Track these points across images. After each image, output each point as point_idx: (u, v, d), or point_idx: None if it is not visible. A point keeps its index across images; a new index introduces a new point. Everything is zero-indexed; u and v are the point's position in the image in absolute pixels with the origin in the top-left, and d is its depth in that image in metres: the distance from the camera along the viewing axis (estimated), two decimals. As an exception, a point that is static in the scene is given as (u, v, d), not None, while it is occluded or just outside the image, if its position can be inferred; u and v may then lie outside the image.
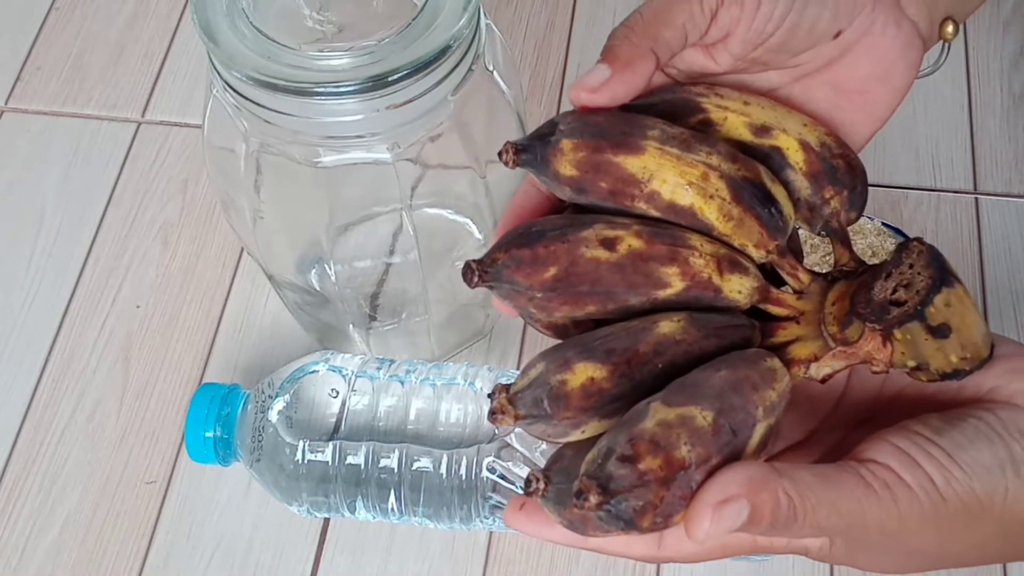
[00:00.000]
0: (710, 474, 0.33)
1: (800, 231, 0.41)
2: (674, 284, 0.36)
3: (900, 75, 0.41)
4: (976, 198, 0.73)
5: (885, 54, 0.41)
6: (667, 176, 0.36)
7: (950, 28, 0.43)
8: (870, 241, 0.66)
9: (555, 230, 0.36)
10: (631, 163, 0.36)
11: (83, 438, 0.65)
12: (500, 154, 0.37)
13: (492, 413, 0.35)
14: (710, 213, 0.37)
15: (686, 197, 0.37)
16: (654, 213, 0.37)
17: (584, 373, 0.34)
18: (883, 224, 0.66)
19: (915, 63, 0.41)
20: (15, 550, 0.62)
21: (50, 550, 0.62)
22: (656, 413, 0.33)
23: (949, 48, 0.45)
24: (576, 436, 0.35)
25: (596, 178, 0.36)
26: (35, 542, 0.62)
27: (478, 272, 0.36)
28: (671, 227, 0.37)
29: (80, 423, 0.66)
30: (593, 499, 0.32)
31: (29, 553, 0.62)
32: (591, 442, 0.34)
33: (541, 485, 0.35)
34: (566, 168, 0.36)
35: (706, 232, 0.37)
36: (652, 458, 0.32)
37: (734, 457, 0.33)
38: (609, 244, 0.36)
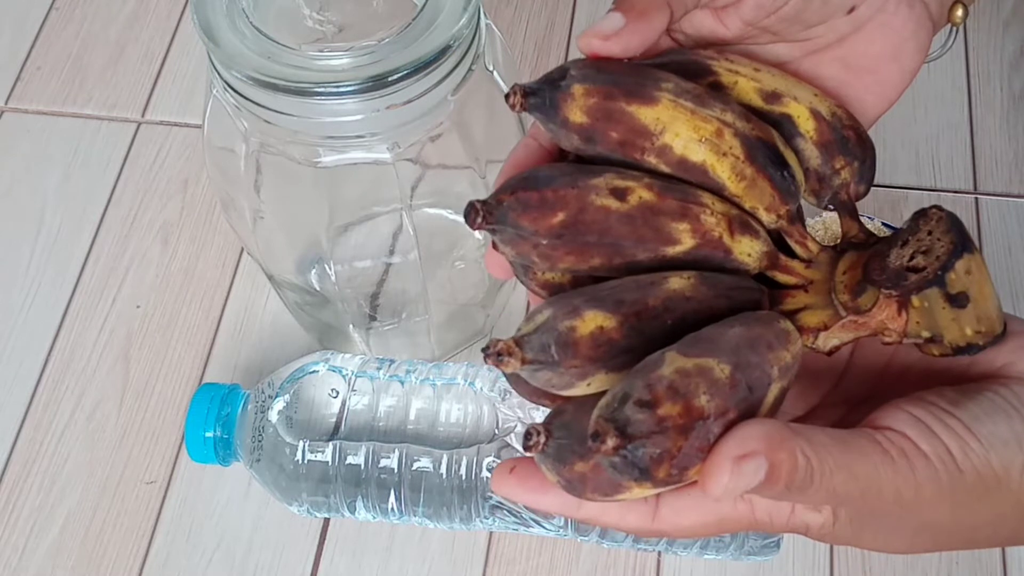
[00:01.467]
0: (727, 428, 0.31)
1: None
2: (684, 241, 0.35)
3: (910, 56, 0.41)
4: (976, 198, 0.73)
5: (897, 33, 0.40)
6: (680, 129, 0.35)
7: (960, 12, 0.43)
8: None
9: (564, 175, 0.35)
10: (644, 113, 0.35)
11: (83, 438, 0.65)
12: (507, 96, 0.36)
13: (498, 355, 0.33)
14: (722, 171, 0.36)
15: (698, 153, 0.35)
16: (664, 168, 0.36)
17: (594, 321, 0.33)
18: (883, 224, 0.66)
19: (925, 45, 0.41)
20: (15, 550, 0.62)
21: (50, 550, 0.62)
22: (673, 361, 0.31)
23: (957, 32, 0.44)
24: (581, 388, 0.34)
25: (607, 127, 0.35)
26: (35, 542, 0.62)
27: (483, 213, 0.34)
28: (681, 184, 0.36)
29: (80, 423, 0.66)
30: (610, 442, 0.30)
31: (29, 553, 0.62)
32: (595, 398, 0.32)
33: (542, 439, 0.33)
34: (576, 114, 0.35)
35: (716, 191, 0.36)
36: (671, 404, 0.30)
37: (750, 414, 0.32)
38: (620, 194, 0.34)
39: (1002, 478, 0.34)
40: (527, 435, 0.33)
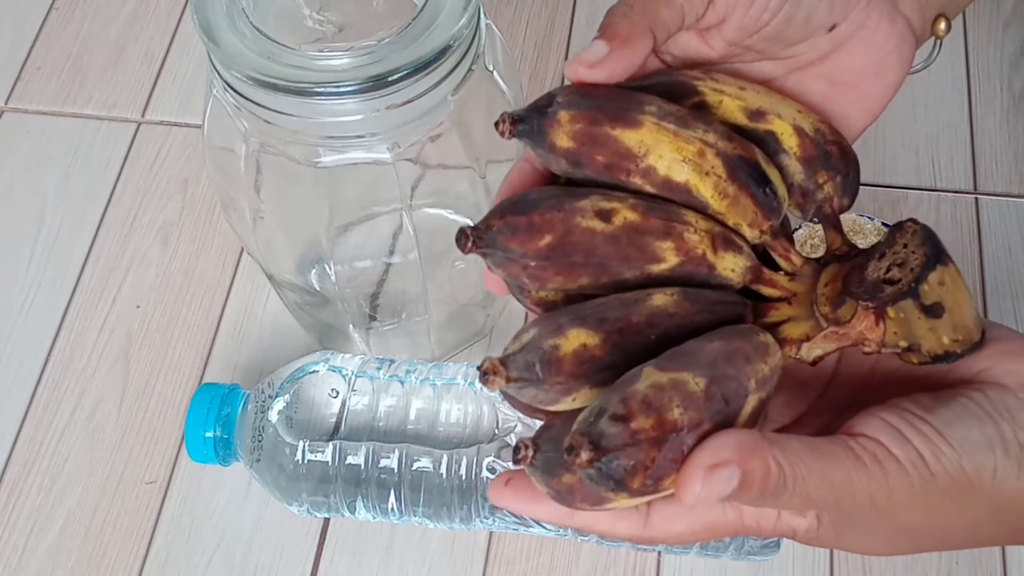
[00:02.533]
0: (701, 439, 0.32)
1: (798, 233, 0.41)
2: (668, 259, 0.36)
3: (893, 70, 0.41)
4: (976, 198, 0.73)
5: (879, 49, 0.41)
6: (663, 151, 0.36)
7: (942, 25, 0.43)
8: (870, 241, 0.66)
9: (551, 199, 0.36)
10: (628, 137, 0.36)
11: (83, 438, 0.65)
12: (496, 124, 0.37)
13: (484, 374, 0.34)
14: (705, 190, 0.37)
15: (682, 173, 0.37)
16: (649, 189, 0.37)
17: (577, 339, 0.34)
18: (883, 224, 0.66)
19: (908, 59, 0.42)
20: (15, 550, 0.62)
21: (50, 550, 0.62)
22: (649, 376, 0.33)
23: (941, 45, 0.45)
24: (567, 404, 0.35)
25: (592, 151, 0.36)
26: (35, 542, 0.62)
27: (472, 238, 0.36)
28: (666, 203, 0.37)
29: (80, 423, 0.66)
30: (584, 455, 0.31)
31: (29, 553, 0.62)
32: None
33: (530, 452, 0.34)
34: (563, 140, 0.36)
35: (700, 210, 0.37)
36: (644, 418, 0.32)
37: (725, 425, 0.33)
38: (605, 215, 0.36)
39: (975, 481, 0.34)
40: (516, 449, 0.35)
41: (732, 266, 0.37)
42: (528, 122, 0.37)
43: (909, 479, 0.34)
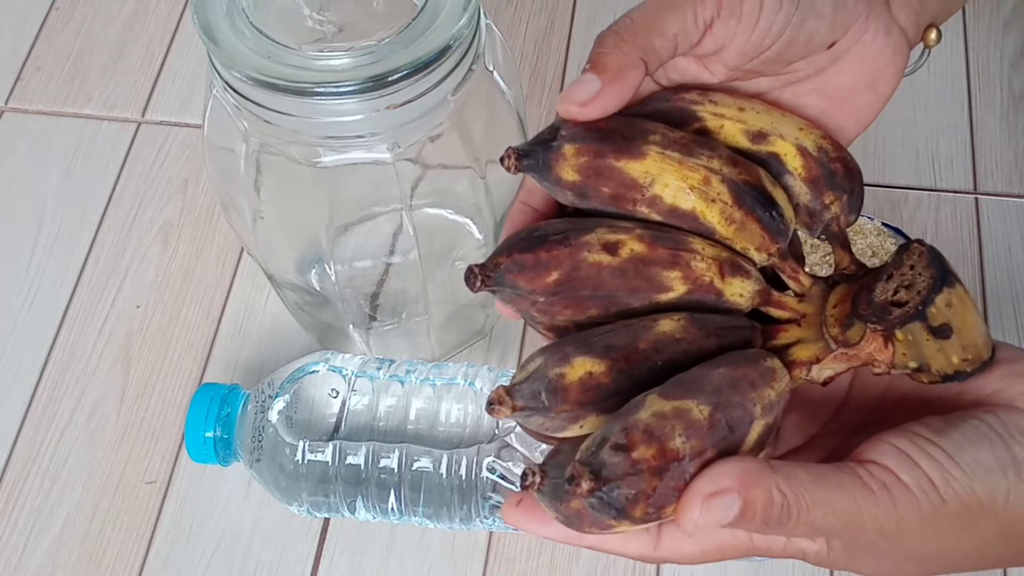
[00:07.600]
0: (704, 467, 0.33)
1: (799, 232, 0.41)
2: (676, 288, 0.36)
3: (887, 82, 0.41)
4: (976, 198, 0.73)
5: (875, 62, 0.41)
6: (669, 180, 0.36)
7: (933, 35, 0.43)
8: (870, 241, 0.66)
9: (557, 234, 0.36)
10: (633, 168, 0.36)
11: (83, 438, 0.65)
12: (502, 160, 0.37)
13: (490, 404, 0.35)
14: (712, 217, 0.37)
15: (688, 201, 0.37)
16: (656, 217, 0.37)
17: (583, 367, 0.34)
18: (883, 224, 0.66)
19: (902, 69, 0.42)
20: (15, 550, 0.62)
21: (50, 550, 0.62)
22: (652, 405, 0.33)
23: (929, 53, 0.45)
24: (574, 431, 0.35)
25: (598, 183, 0.37)
26: (35, 542, 0.62)
27: (481, 277, 0.36)
28: (673, 231, 0.37)
29: (80, 423, 0.66)
30: (585, 485, 0.32)
31: (29, 553, 0.62)
32: None
33: (537, 479, 0.35)
34: (568, 173, 0.37)
35: (708, 236, 0.37)
36: (646, 448, 0.32)
37: (730, 453, 0.33)
38: (611, 248, 0.36)
39: (986, 505, 0.34)
40: (524, 476, 0.35)
41: (740, 291, 0.37)
42: (533, 157, 0.37)
43: (919, 505, 0.33)
